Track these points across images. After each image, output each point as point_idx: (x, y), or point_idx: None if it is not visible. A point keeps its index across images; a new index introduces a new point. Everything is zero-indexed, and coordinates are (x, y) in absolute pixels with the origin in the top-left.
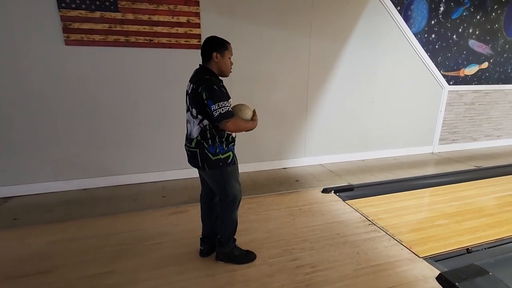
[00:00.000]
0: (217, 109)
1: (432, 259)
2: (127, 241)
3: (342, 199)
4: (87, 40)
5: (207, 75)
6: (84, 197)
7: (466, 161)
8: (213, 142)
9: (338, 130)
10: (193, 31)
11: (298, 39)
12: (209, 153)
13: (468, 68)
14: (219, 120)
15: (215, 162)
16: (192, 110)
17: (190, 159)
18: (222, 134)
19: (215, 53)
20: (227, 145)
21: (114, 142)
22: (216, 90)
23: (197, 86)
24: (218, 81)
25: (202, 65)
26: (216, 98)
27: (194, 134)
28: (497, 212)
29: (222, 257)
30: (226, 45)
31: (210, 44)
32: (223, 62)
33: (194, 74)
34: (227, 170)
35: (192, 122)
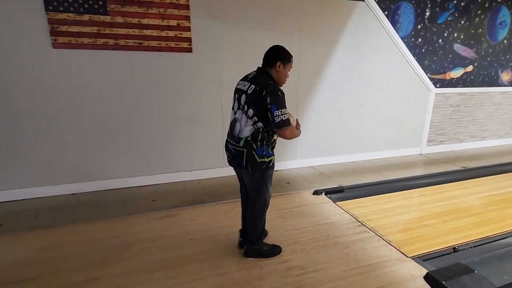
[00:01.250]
0: (279, 115)
1: (420, 259)
2: (115, 247)
3: (332, 200)
4: (75, 43)
5: (271, 80)
6: (72, 202)
7: (453, 162)
8: (261, 144)
9: (328, 133)
10: (183, 34)
11: (288, 43)
12: (256, 155)
13: (454, 71)
14: (280, 126)
15: (259, 164)
16: (249, 110)
17: (232, 158)
18: (271, 138)
19: (280, 62)
20: (271, 149)
21: (103, 146)
22: (280, 97)
23: (261, 89)
24: (280, 88)
25: (263, 69)
26: (280, 104)
27: (245, 133)
28: (482, 212)
29: (252, 253)
30: (290, 58)
31: (277, 53)
32: (283, 73)
33: (255, 76)
34: (267, 173)
35: (245, 121)
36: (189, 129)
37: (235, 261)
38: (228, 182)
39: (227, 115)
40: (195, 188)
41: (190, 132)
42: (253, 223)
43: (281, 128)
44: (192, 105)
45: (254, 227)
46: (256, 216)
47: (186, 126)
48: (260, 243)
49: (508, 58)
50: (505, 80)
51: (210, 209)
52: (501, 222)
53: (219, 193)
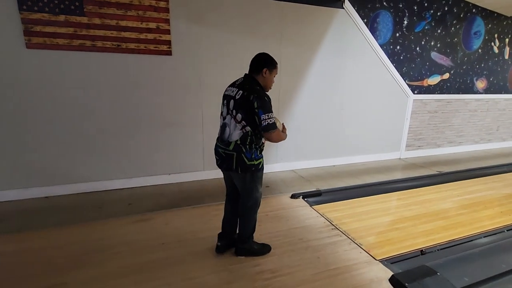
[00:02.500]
0: (266, 119)
1: (388, 261)
2: (85, 251)
3: (309, 204)
4: (51, 44)
5: (258, 86)
6: (45, 206)
7: (430, 166)
8: (250, 147)
9: (309, 137)
10: (162, 37)
11: (268, 47)
12: (246, 158)
13: (431, 78)
14: (267, 130)
15: (249, 167)
16: (237, 115)
17: (222, 161)
18: (259, 141)
19: (266, 69)
20: (260, 152)
21: (79, 148)
22: (266, 102)
23: (249, 94)
24: (267, 94)
25: (250, 75)
26: (266, 108)
27: (234, 137)
28: (452, 215)
29: (243, 252)
30: (275, 65)
31: (263, 60)
32: (269, 79)
33: (243, 82)
34: (257, 175)
35: (234, 126)
36: (169, 132)
37: (205, 265)
38: (207, 186)
39: (207, 119)
40: (172, 191)
41: (169, 135)
42: (244, 222)
43: (267, 131)
44: (172, 108)
45: (246, 227)
46: (247, 215)
47: (165, 129)
48: (250, 241)
49: (483, 66)
50: (480, 88)
51: (185, 213)
52: (468, 226)
53: (197, 197)
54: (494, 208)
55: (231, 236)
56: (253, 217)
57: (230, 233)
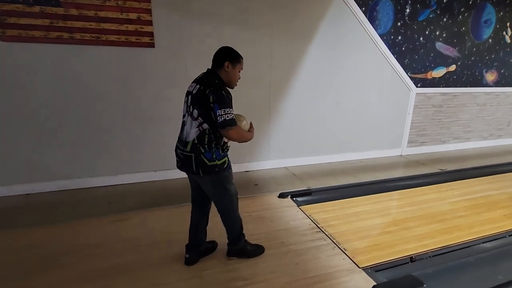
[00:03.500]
0: (222, 114)
1: (372, 269)
2: (54, 253)
3: (297, 204)
4: (26, 37)
5: (217, 80)
6: (24, 204)
7: (432, 164)
8: (209, 147)
9: (303, 133)
10: (144, 28)
11: (258, 39)
12: (205, 158)
13: (436, 70)
14: (223, 126)
15: (211, 168)
16: (194, 111)
17: (182, 163)
18: (219, 140)
19: (228, 62)
20: (223, 151)
21: (61, 144)
22: (224, 96)
23: (205, 88)
24: (226, 88)
25: (213, 69)
26: (223, 103)
27: (190, 136)
28: (449, 218)
29: (235, 253)
30: (239, 58)
31: (224, 53)
32: (232, 73)
33: (203, 76)
34: (223, 175)
35: (191, 123)
36: (153, 127)
37: (176, 271)
38: None
39: None
40: (155, 189)
41: (154, 130)
42: (227, 224)
43: (224, 128)
44: (157, 102)
45: (231, 229)
46: (227, 216)
47: (150, 124)
48: (242, 242)
49: (493, 57)
50: (490, 81)
51: (164, 213)
52: (467, 230)
53: (179, 196)
54: (497, 210)
55: (199, 248)
56: (234, 216)
57: (198, 244)
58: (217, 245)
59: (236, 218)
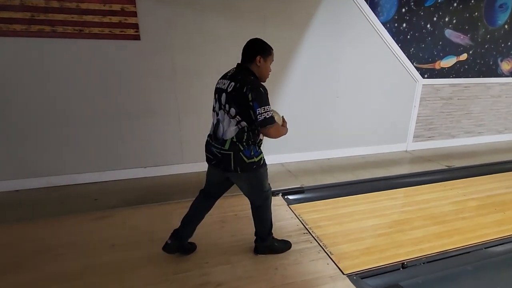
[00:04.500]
0: (262, 113)
1: (358, 276)
2: (27, 252)
3: (288, 203)
4: (7, 31)
5: (252, 76)
6: (11, 200)
7: (439, 160)
8: (248, 144)
9: (300, 127)
10: (128, 20)
11: (250, 29)
12: (244, 156)
13: (445, 60)
14: (264, 125)
15: (249, 165)
16: (231, 109)
17: (218, 161)
18: (257, 137)
19: (259, 56)
20: (259, 147)
21: (48, 140)
22: (262, 93)
23: (242, 86)
24: (262, 84)
25: (243, 65)
26: (262, 101)
27: (229, 135)
28: (451, 220)
29: (263, 250)
30: (270, 50)
31: (256, 47)
32: (264, 67)
33: (235, 73)
34: (261, 172)
35: (228, 122)
36: (142, 122)
37: (147, 273)
38: (182, 181)
39: (183, 108)
40: (143, 186)
41: (143, 125)
42: (260, 220)
43: (265, 126)
44: (144, 97)
45: (262, 225)
46: (261, 212)
47: (138, 119)
48: (270, 239)
49: (510, 45)
50: (505, 70)
51: (148, 211)
52: (468, 233)
53: (166, 193)
54: (506, 211)
55: (184, 240)
56: (268, 213)
57: (185, 235)
58: (195, 248)
59: (268, 214)
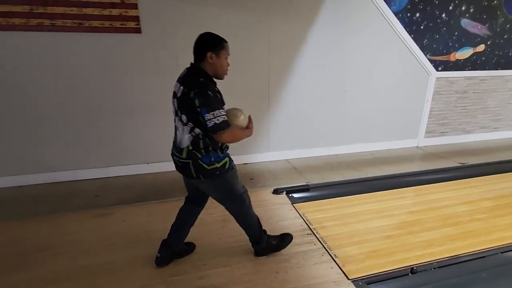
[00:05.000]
0: (211, 118)
1: (364, 282)
2: (24, 251)
3: (292, 201)
4: (6, 25)
5: (202, 78)
6: (13, 196)
7: (453, 156)
8: (206, 151)
9: (306, 122)
10: (129, 12)
11: (254, 21)
12: (204, 163)
13: (461, 51)
14: (214, 131)
15: (211, 172)
16: (182, 116)
17: (181, 169)
18: (216, 143)
19: (210, 53)
20: (221, 152)
21: (51, 137)
22: (211, 97)
23: (189, 90)
24: (213, 85)
25: (195, 64)
26: (211, 106)
27: (184, 143)
28: (465, 221)
29: (262, 252)
30: (223, 43)
31: (204, 43)
32: (218, 63)
33: (185, 75)
34: (226, 177)
35: (182, 129)
36: (145, 118)
37: (144, 275)
38: None
39: None
40: (145, 183)
41: (146, 121)
42: (244, 225)
43: (215, 133)
44: (146, 92)
45: (249, 228)
46: (243, 218)
47: (141, 115)
48: (265, 239)
49: None
50: None
51: (148, 209)
52: (484, 236)
53: (168, 190)
54: None
55: (173, 248)
56: (250, 216)
57: (174, 244)
58: (194, 248)
59: (251, 217)
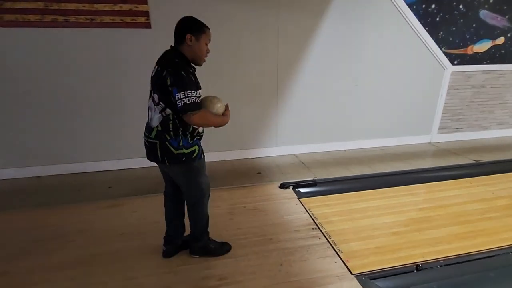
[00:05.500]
0: (182, 98)
1: (367, 277)
2: (41, 238)
3: (299, 196)
4: (22, 21)
5: (177, 58)
6: (32, 186)
7: (467, 153)
8: (175, 134)
9: (316, 117)
10: (139, 8)
11: (263, 13)
12: (171, 146)
13: (478, 44)
14: (184, 111)
15: (177, 156)
16: (154, 95)
17: (148, 152)
18: (187, 126)
19: (189, 35)
20: (192, 139)
21: (68, 130)
22: (183, 77)
23: (162, 69)
24: (189, 67)
25: (174, 46)
26: (182, 85)
27: (154, 123)
28: (476, 219)
29: (197, 251)
30: (203, 28)
31: (184, 24)
32: (197, 47)
33: (162, 56)
34: (192, 166)
35: (154, 109)
36: None
37: (152, 264)
38: None
39: None
40: (157, 175)
41: None
42: (193, 218)
43: (185, 113)
44: None
45: (195, 223)
46: (194, 211)
47: None
48: (205, 239)
49: None
50: None
51: (158, 200)
52: (495, 235)
53: None
54: None
55: (175, 240)
56: (202, 212)
57: (174, 236)
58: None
59: (203, 214)
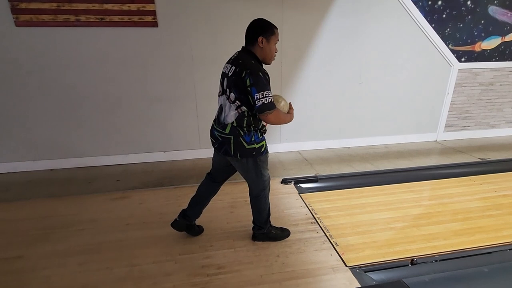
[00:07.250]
0: (260, 98)
1: (361, 270)
2: (53, 226)
3: (300, 191)
4: (37, 21)
5: (253, 60)
6: (45, 178)
7: (473, 152)
8: (248, 130)
9: (319, 114)
10: (146, 7)
11: (268, 12)
12: (244, 142)
13: (487, 41)
14: (262, 111)
15: (249, 151)
16: (231, 94)
17: (219, 145)
18: (258, 123)
19: (261, 37)
20: (261, 134)
21: (79, 125)
22: (261, 78)
23: (241, 70)
24: (263, 68)
25: (246, 48)
26: (260, 86)
27: (229, 119)
28: (475, 217)
29: (260, 237)
30: (273, 29)
31: (256, 28)
32: (268, 48)
33: (237, 57)
34: (260, 159)
35: (229, 106)
36: (161, 108)
37: (155, 252)
38: (199, 165)
39: (200, 94)
40: (162, 169)
41: (162, 111)
42: (257, 209)
43: (263, 112)
44: (162, 83)
45: (260, 213)
46: (259, 202)
47: (158, 105)
48: (268, 227)
49: None
50: None
51: (163, 193)
52: (493, 232)
53: (183, 177)
54: None
55: (191, 219)
56: (265, 202)
57: (192, 215)
58: (202, 230)
59: (266, 203)
